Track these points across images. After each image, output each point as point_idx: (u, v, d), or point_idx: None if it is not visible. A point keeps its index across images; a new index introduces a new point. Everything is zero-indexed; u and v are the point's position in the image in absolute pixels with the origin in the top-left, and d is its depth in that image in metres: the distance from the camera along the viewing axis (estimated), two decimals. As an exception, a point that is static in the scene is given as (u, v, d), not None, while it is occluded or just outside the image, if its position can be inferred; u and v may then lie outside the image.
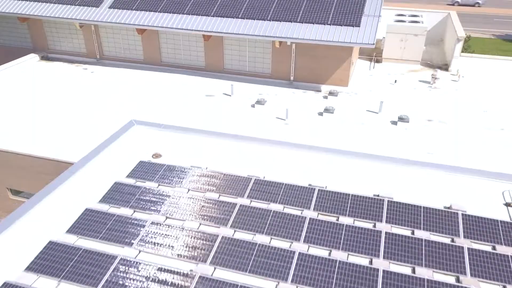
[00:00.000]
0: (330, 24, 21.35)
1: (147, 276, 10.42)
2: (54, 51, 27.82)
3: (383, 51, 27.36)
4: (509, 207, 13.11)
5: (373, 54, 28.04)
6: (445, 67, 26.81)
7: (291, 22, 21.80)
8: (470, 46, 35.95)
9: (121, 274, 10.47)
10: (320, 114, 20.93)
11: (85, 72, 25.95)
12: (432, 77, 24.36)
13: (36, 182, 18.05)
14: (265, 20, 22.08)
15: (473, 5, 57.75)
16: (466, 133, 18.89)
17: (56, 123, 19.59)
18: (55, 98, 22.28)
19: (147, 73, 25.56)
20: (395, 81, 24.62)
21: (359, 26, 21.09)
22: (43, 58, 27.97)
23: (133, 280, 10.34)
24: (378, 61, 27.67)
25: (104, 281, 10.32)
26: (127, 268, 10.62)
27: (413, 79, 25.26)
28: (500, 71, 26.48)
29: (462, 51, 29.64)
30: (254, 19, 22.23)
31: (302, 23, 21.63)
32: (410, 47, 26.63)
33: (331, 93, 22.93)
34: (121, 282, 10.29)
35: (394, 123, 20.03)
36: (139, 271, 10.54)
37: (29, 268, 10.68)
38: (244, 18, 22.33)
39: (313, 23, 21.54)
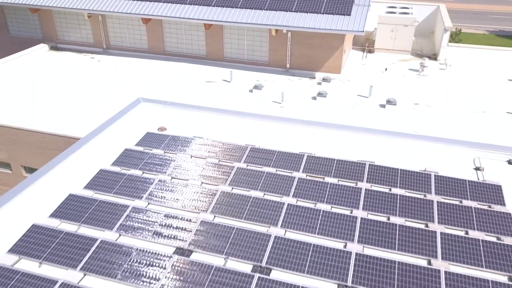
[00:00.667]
0: (323, 13, 23.12)
1: (155, 221, 12.14)
2: (63, 41, 29.63)
3: (375, 41, 29.12)
4: (478, 171, 14.82)
5: (366, 45, 29.79)
6: (434, 57, 28.55)
7: (287, 11, 23.58)
8: (461, 40, 37.65)
9: (133, 220, 12.19)
10: (314, 98, 22.65)
11: (92, 61, 27.74)
12: (421, 65, 26.09)
13: (49, 160, 19.75)
14: (262, 9, 23.86)
15: None
16: (451, 115, 20.57)
17: (67, 104, 21.35)
18: (65, 84, 24.06)
19: (152, 62, 27.34)
20: (386, 69, 26.37)
21: (350, 15, 22.86)
22: (52, 48, 29.77)
23: (144, 224, 12.06)
24: (370, 51, 29.42)
25: (119, 225, 12.04)
26: (138, 214, 12.34)
27: (403, 68, 27.00)
28: (486, 60, 28.22)
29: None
30: (251, 9, 24.02)
31: (297, 12, 23.40)
32: (401, 37, 28.39)
33: (324, 80, 24.67)
34: (133, 225, 12.01)
35: (383, 106, 21.74)
36: (148, 217, 12.27)
37: (53, 215, 12.41)
38: (242, 8, 24.12)
39: (307, 12, 23.31)
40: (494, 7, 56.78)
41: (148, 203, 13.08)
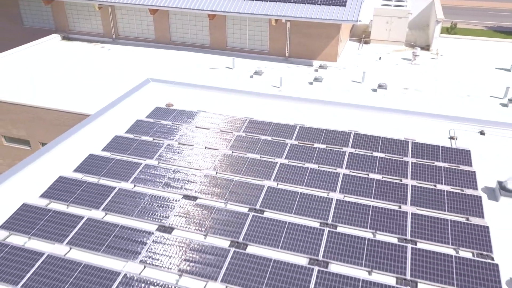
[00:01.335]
0: (319, 4, 25.40)
1: (165, 175, 14.41)
2: (74, 31, 32.10)
3: (371, 33, 31.35)
4: (452, 140, 16.99)
5: (362, 36, 32.03)
6: (427, 47, 30.73)
7: (286, 2, 25.89)
8: (456, 33, 39.76)
9: (146, 174, 14.47)
10: (310, 83, 24.89)
11: (102, 50, 30.16)
12: (413, 55, 28.27)
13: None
14: (262, 0, 26.18)
15: None
16: (438, 98, 22.71)
17: (81, 86, 23.73)
18: (78, 69, 26.48)
19: (159, 51, 29.72)
20: (380, 58, 28.58)
21: (345, 6, 25.13)
22: (64, 38, 32.25)
23: (155, 177, 14.33)
24: (366, 42, 31.65)
25: (133, 177, 14.33)
26: (150, 170, 14.63)
27: (396, 57, 29.20)
28: (476, 50, 30.38)
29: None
30: (253, 0, 26.34)
31: (295, 3, 25.71)
32: (395, 28, 30.61)
33: (321, 67, 26.93)
34: (146, 178, 14.28)
35: (374, 90, 23.94)
36: (159, 172, 14.54)
37: (77, 170, 14.72)
38: (244, -1, 26.49)
39: (305, 3, 25.61)
40: (493, 4, 58.85)
41: (159, 162, 15.36)
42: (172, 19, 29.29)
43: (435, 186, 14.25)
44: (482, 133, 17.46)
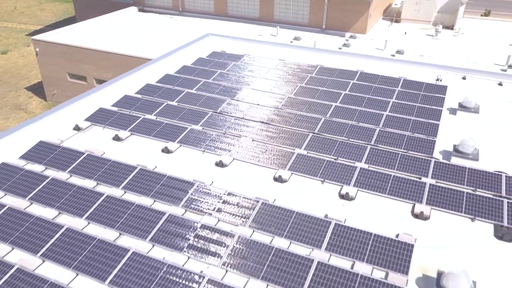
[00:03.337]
0: (351, -17, 31.84)
1: (217, 88, 21.61)
2: (149, 5, 40.58)
3: (401, 13, 37.14)
4: (437, 81, 22.87)
5: (394, 16, 37.87)
6: (452, 27, 36.03)
7: (323, -20, 32.58)
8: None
9: (206, 86, 21.77)
10: (339, 48, 31.33)
11: (171, 19, 38.33)
12: (436, 31, 33.84)
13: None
14: (304, -21, 33.06)
15: None
16: (447, 62, 28.36)
17: (154, 42, 31.71)
18: (151, 31, 34.62)
19: (217, 22, 37.37)
20: (405, 33, 34.39)
21: (372, -16, 31.38)
22: (140, 10, 40.82)
23: (211, 88, 21.57)
24: (397, 21, 37.46)
25: (196, 88, 21.66)
26: (207, 85, 21.91)
27: (421, 33, 34.86)
28: (497, 30, 35.29)
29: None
30: (296, -22, 33.29)
31: (331, -19, 32.33)
32: (423, 9, 36.23)
33: (351, 37, 33.26)
34: (205, 88, 21.57)
35: (393, 55, 29.95)
36: (213, 86, 21.78)
37: (159, 82, 22.29)
38: (289, -22, 33.45)
39: (339, -18, 32.16)
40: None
41: (213, 81, 22.62)
42: (229, -5, 36.83)
43: (411, 103, 20.34)
44: (464, 78, 23.16)
